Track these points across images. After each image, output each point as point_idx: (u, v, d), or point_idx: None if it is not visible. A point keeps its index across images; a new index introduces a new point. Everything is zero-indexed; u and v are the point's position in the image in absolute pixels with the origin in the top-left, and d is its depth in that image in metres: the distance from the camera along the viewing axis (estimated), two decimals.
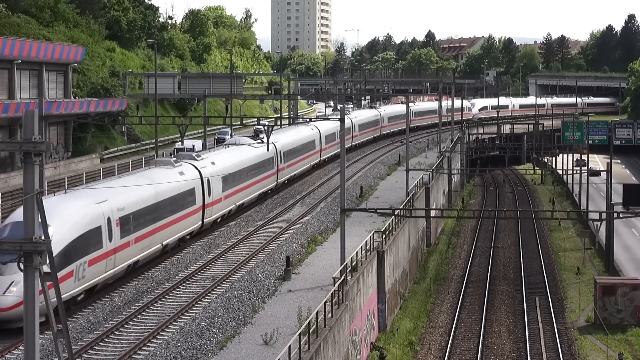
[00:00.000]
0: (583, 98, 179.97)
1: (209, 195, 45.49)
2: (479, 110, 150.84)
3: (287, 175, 64.45)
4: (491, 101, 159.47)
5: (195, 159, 46.29)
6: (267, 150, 56.70)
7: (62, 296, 28.44)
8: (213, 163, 47.61)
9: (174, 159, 45.57)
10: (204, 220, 45.35)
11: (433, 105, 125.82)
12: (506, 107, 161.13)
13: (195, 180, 44.00)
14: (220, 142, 74.74)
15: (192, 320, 31.93)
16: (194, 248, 43.94)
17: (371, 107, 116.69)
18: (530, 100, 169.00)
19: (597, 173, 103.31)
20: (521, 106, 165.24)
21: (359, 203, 61.19)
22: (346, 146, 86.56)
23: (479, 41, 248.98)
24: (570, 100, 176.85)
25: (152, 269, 39.25)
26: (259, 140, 59.36)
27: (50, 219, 17.49)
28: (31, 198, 14.42)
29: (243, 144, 57.97)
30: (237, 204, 51.47)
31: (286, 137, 66.05)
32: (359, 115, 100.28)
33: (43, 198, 15.54)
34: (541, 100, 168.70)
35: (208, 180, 45.46)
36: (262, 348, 29.82)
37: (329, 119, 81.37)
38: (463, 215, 78.26)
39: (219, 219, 48.48)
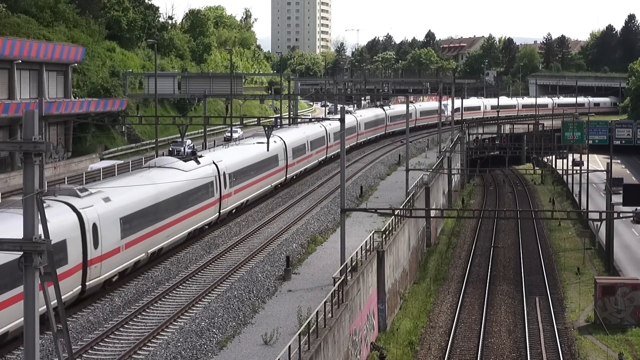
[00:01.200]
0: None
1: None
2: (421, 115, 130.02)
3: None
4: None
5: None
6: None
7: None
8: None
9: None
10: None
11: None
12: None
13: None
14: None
15: (192, 320, 31.93)
16: (194, 248, 43.94)
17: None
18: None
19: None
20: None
21: (359, 203, 61.19)
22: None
23: (479, 41, 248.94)
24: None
25: (152, 269, 39.25)
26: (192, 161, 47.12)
27: None
28: (31, 198, 14.42)
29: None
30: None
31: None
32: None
33: None
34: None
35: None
36: (262, 348, 29.83)
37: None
38: (463, 215, 78.24)
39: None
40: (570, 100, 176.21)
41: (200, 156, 48.05)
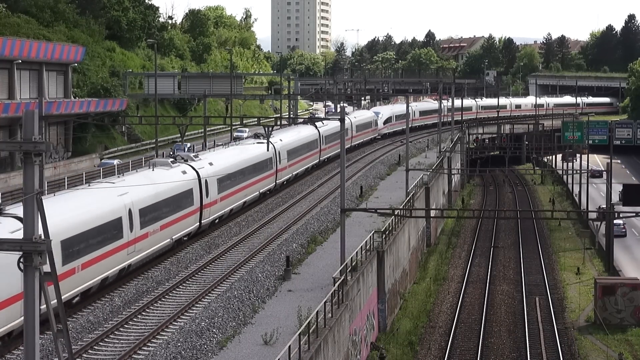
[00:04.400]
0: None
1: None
2: (384, 123, 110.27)
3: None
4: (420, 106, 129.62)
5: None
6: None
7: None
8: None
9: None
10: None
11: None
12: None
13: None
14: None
15: (192, 320, 31.92)
16: (194, 248, 43.92)
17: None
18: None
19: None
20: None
21: (359, 203, 61.18)
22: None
23: (479, 41, 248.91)
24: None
25: (152, 268, 39.25)
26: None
27: None
28: (31, 198, 14.42)
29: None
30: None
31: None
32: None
33: None
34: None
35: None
36: (262, 348, 29.82)
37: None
38: (463, 215, 78.25)
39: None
40: (566, 100, 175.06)
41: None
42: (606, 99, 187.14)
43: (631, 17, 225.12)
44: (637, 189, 67.69)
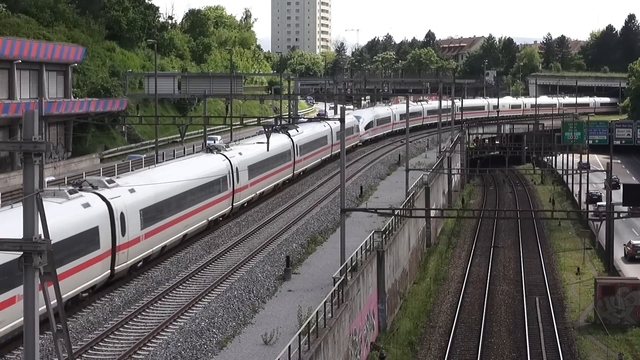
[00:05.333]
0: (559, 98, 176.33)
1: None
2: (366, 128, 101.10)
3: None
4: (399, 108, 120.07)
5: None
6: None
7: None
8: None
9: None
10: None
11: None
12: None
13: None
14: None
15: (192, 320, 31.92)
16: (194, 248, 43.92)
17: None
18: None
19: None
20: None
21: (359, 203, 61.18)
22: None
23: (479, 41, 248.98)
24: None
25: (152, 268, 39.26)
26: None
27: None
28: (31, 198, 14.42)
29: None
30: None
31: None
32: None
33: None
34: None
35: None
36: (262, 348, 29.82)
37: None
38: (463, 215, 78.26)
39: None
40: (543, 100, 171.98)
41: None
42: (585, 100, 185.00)
43: (631, 17, 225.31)
44: (637, 189, 67.58)
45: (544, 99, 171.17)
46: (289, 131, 66.86)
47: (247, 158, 52.65)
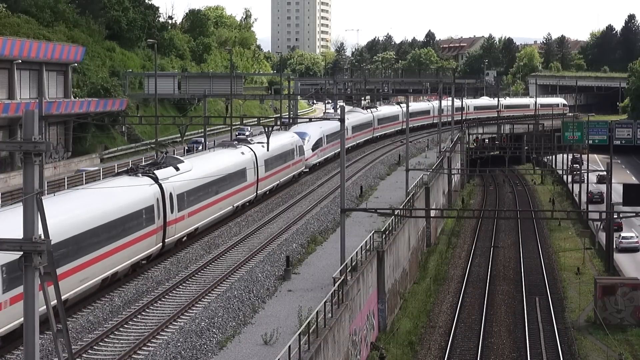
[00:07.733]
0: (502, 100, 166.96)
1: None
2: (313, 149, 74.96)
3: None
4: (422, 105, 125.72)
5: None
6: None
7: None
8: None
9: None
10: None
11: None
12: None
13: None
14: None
15: (192, 320, 31.92)
16: (194, 248, 43.93)
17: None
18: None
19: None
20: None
21: (359, 203, 61.18)
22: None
23: (479, 41, 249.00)
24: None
25: (152, 268, 39.26)
26: None
27: None
28: (31, 198, 14.42)
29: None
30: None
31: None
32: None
33: None
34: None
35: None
36: (262, 348, 29.82)
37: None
38: (463, 215, 78.27)
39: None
40: (483, 101, 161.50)
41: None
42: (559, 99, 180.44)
43: (631, 17, 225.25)
44: (637, 189, 67.55)
45: (484, 100, 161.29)
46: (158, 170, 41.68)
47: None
